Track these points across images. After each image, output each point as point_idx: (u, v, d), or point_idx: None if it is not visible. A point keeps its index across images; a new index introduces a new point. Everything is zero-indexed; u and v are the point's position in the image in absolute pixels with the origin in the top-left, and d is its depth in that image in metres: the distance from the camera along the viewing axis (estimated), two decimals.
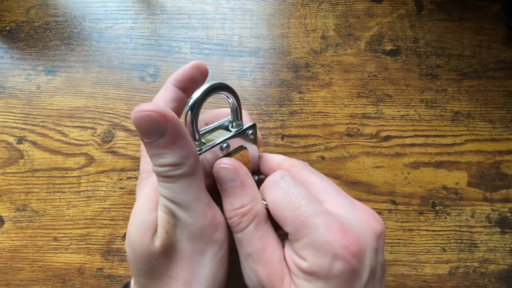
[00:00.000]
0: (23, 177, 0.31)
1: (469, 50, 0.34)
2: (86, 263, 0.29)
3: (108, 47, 0.34)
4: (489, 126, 0.32)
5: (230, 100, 0.20)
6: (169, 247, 0.17)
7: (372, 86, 0.33)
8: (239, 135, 0.20)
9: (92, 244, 0.29)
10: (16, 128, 0.32)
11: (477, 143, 0.31)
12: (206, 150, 0.18)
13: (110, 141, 0.31)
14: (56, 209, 0.30)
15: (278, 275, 0.17)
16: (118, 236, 0.29)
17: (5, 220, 0.30)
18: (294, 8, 0.36)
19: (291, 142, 0.32)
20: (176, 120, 0.15)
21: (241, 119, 0.21)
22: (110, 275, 0.28)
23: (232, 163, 0.18)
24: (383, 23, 0.35)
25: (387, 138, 0.32)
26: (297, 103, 0.33)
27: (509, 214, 0.30)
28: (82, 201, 0.30)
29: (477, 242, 0.29)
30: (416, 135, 0.32)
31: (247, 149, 0.21)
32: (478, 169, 0.31)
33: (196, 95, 0.17)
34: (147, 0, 0.36)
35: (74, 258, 0.29)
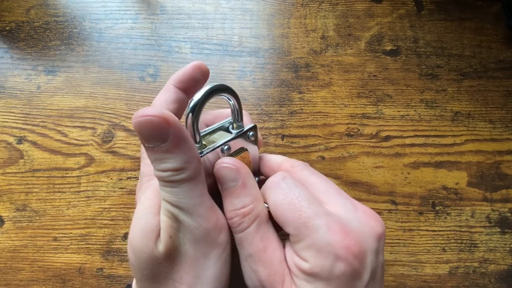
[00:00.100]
0: (23, 177, 0.31)
1: (469, 50, 0.34)
2: (86, 263, 0.29)
3: (108, 47, 0.34)
4: (489, 126, 0.32)
5: (231, 102, 0.19)
6: (173, 251, 0.17)
7: (372, 86, 0.33)
8: (240, 137, 0.20)
9: (92, 244, 0.29)
10: (16, 128, 0.32)
11: (477, 143, 0.31)
12: (207, 153, 0.18)
13: (110, 141, 0.31)
14: (56, 209, 0.30)
15: (279, 276, 0.17)
16: (118, 236, 0.29)
17: (5, 220, 0.30)
18: (294, 8, 0.36)
19: (291, 142, 0.32)
20: (178, 124, 0.15)
21: (242, 121, 0.20)
22: (110, 275, 0.28)
23: (234, 163, 0.18)
24: (383, 23, 0.35)
25: (387, 138, 0.32)
26: (297, 103, 0.33)
27: (509, 214, 0.30)
28: (82, 201, 0.30)
29: (477, 242, 0.29)
30: (416, 135, 0.32)
31: (248, 151, 0.21)
32: (478, 169, 0.31)
33: (197, 97, 0.17)
34: (147, 0, 0.36)
35: (74, 258, 0.29)
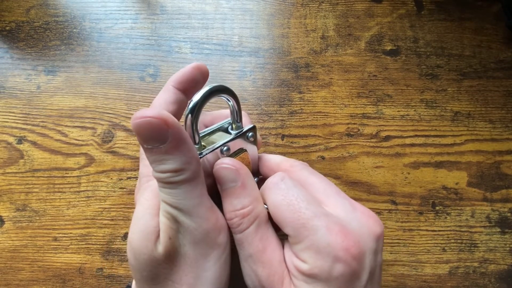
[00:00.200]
0: (23, 177, 0.31)
1: (469, 50, 0.34)
2: (86, 263, 0.29)
3: (108, 47, 0.34)
4: (489, 126, 0.32)
5: (230, 103, 0.19)
6: (173, 253, 0.17)
7: (372, 86, 0.33)
8: (239, 138, 0.20)
9: (92, 244, 0.29)
10: (16, 128, 0.32)
11: (477, 143, 0.31)
12: (207, 154, 0.18)
13: (110, 141, 0.31)
14: (56, 209, 0.30)
15: (278, 276, 0.17)
16: (118, 236, 0.29)
17: (5, 220, 0.30)
18: (294, 8, 0.36)
19: (291, 142, 0.32)
20: (178, 126, 0.15)
21: (241, 121, 0.20)
22: (110, 275, 0.28)
23: (233, 163, 0.18)
24: (383, 23, 0.35)
25: (387, 138, 0.32)
26: (297, 103, 0.33)
27: (509, 214, 0.30)
28: (82, 201, 0.30)
29: (477, 242, 0.29)
30: (416, 135, 0.32)
31: (247, 151, 0.21)
32: (478, 169, 0.31)
33: (196, 98, 0.17)
34: (147, 0, 0.36)
35: (74, 258, 0.29)
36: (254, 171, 0.22)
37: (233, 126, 0.20)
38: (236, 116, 0.20)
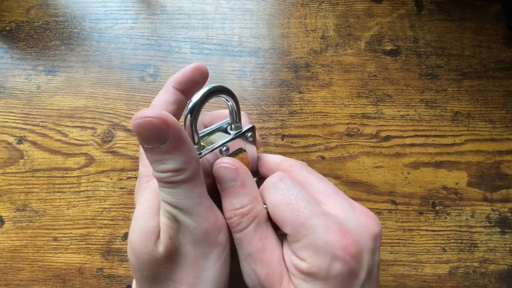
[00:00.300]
0: (23, 177, 0.31)
1: (469, 50, 0.34)
2: (86, 263, 0.29)
3: (108, 47, 0.34)
4: (489, 126, 0.32)
5: (229, 103, 0.19)
6: (173, 252, 0.17)
7: (372, 86, 0.33)
8: (238, 138, 0.20)
9: (92, 244, 0.29)
10: (16, 128, 0.32)
11: (477, 143, 0.31)
12: (206, 154, 0.18)
13: (110, 141, 0.31)
14: (56, 209, 0.30)
15: (277, 275, 0.17)
16: (118, 236, 0.29)
17: (5, 220, 0.30)
18: (294, 8, 0.36)
19: (291, 142, 0.32)
20: (178, 126, 0.15)
21: (240, 121, 0.21)
22: (110, 275, 0.28)
23: (233, 163, 0.18)
24: (383, 23, 0.35)
25: (387, 138, 0.32)
26: (297, 103, 0.33)
27: (509, 214, 0.30)
28: (82, 201, 0.30)
29: (477, 242, 0.29)
30: (416, 135, 0.32)
31: (247, 152, 0.21)
32: (478, 169, 0.31)
33: (196, 99, 0.17)
34: (147, 0, 0.36)
35: (74, 258, 0.29)
36: (253, 171, 0.22)
37: (232, 126, 0.20)
38: (235, 116, 0.20)
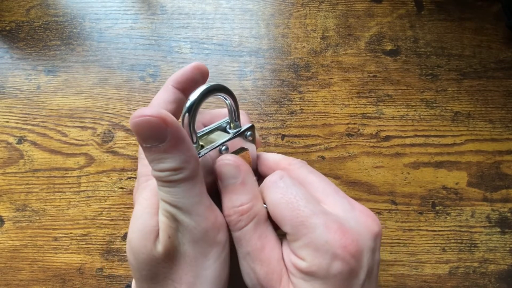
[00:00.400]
0: (23, 177, 0.31)
1: (469, 50, 0.34)
2: (86, 263, 0.29)
3: (108, 47, 0.34)
4: (489, 126, 0.32)
5: (228, 102, 0.19)
6: (172, 252, 0.17)
7: (372, 86, 0.33)
8: (238, 137, 0.20)
9: (92, 244, 0.29)
10: (16, 128, 0.32)
11: (477, 143, 0.31)
12: (205, 153, 0.18)
13: (110, 141, 0.31)
14: (56, 209, 0.30)
15: (277, 275, 0.17)
16: (118, 236, 0.29)
17: (5, 220, 0.30)
18: (294, 8, 0.36)
19: (291, 142, 0.32)
20: (177, 124, 0.15)
21: (239, 120, 0.20)
22: (110, 275, 0.28)
23: (235, 160, 0.18)
24: (383, 23, 0.35)
25: (387, 138, 0.32)
26: (297, 103, 0.33)
27: (509, 214, 0.30)
28: (82, 201, 0.30)
29: (477, 242, 0.29)
30: (416, 135, 0.32)
31: (248, 151, 0.21)
32: (478, 169, 0.31)
33: (194, 97, 0.17)
34: (147, 0, 0.36)
35: (74, 258, 0.29)
36: (253, 171, 0.22)
37: (231, 126, 0.20)
38: (234, 115, 0.20)
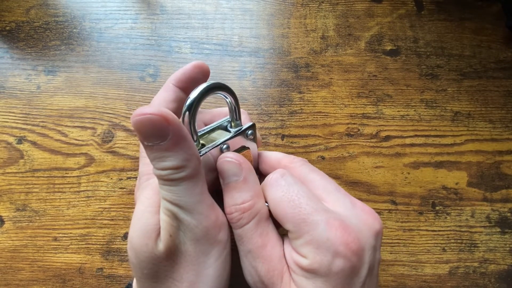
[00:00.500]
0: (23, 177, 0.31)
1: (469, 50, 0.34)
2: (86, 263, 0.29)
3: (108, 47, 0.34)
4: (489, 126, 0.32)
5: (228, 100, 0.19)
6: (173, 250, 0.17)
7: (372, 86, 0.33)
8: (239, 135, 0.20)
9: (92, 244, 0.29)
10: (16, 128, 0.32)
11: (477, 143, 0.31)
12: (206, 152, 0.18)
13: (110, 141, 0.31)
14: (56, 209, 0.30)
15: (278, 272, 0.17)
16: (118, 236, 0.29)
17: (5, 220, 0.30)
18: (294, 8, 0.36)
19: (291, 142, 0.32)
20: (178, 122, 0.15)
21: (240, 119, 0.20)
22: (110, 275, 0.28)
23: (237, 158, 0.18)
24: (383, 23, 0.35)
25: (387, 138, 0.32)
26: (297, 103, 0.33)
27: (509, 214, 0.30)
28: (82, 201, 0.30)
29: (477, 242, 0.29)
30: (416, 135, 0.32)
31: (249, 149, 0.21)
32: (478, 169, 0.31)
33: (194, 95, 0.17)
34: (147, 0, 0.36)
35: (74, 258, 0.29)
36: (254, 169, 0.22)
37: (232, 124, 0.20)
38: (235, 114, 0.20)
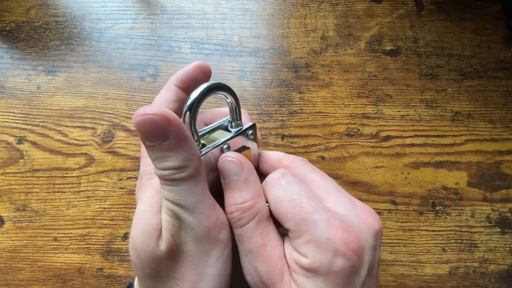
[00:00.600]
0: (23, 177, 0.31)
1: (469, 50, 0.34)
2: (86, 263, 0.29)
3: (108, 47, 0.34)
4: (489, 126, 0.32)
5: (229, 100, 0.19)
6: (175, 250, 0.17)
7: (372, 86, 0.33)
8: (239, 135, 0.20)
9: (92, 244, 0.29)
10: (16, 128, 0.32)
11: (477, 143, 0.31)
12: (207, 152, 0.18)
13: (110, 141, 0.31)
14: (56, 209, 0.30)
15: (278, 272, 0.17)
16: (118, 236, 0.29)
17: (5, 220, 0.30)
18: (294, 8, 0.36)
19: (291, 142, 0.32)
20: (179, 123, 0.15)
21: (241, 119, 0.20)
22: (110, 275, 0.28)
23: (238, 157, 0.18)
24: (383, 23, 0.35)
25: (387, 138, 0.32)
26: (297, 103, 0.33)
27: (509, 214, 0.30)
28: (82, 201, 0.30)
29: (477, 242, 0.29)
30: (416, 135, 0.32)
31: (250, 149, 0.21)
32: (478, 169, 0.31)
33: (194, 95, 0.17)
34: (147, 0, 0.36)
35: (74, 258, 0.29)
36: (255, 169, 0.22)
37: (233, 124, 0.20)
38: (236, 114, 0.20)
